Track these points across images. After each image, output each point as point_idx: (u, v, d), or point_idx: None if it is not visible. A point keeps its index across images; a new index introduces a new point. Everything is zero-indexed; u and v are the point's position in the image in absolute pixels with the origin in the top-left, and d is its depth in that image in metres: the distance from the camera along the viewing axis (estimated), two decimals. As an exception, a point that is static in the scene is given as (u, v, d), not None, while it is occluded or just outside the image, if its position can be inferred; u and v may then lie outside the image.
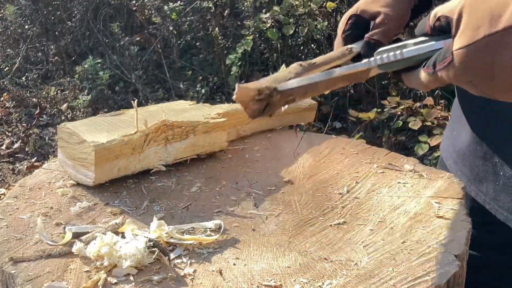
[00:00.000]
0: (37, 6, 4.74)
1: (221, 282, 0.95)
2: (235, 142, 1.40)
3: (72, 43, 4.69)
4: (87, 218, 1.12)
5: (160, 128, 1.24)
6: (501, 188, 1.24)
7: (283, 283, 0.94)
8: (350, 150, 1.36)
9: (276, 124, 1.47)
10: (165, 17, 4.22)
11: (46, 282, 0.94)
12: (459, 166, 1.33)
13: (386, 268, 0.98)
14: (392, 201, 1.16)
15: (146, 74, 4.29)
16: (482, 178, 1.27)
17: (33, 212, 1.13)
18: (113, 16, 4.70)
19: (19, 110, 4.24)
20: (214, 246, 1.04)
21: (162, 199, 1.18)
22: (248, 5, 3.88)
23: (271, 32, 3.73)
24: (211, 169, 1.30)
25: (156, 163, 1.25)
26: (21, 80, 4.34)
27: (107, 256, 0.98)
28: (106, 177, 1.19)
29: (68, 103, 4.07)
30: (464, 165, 1.31)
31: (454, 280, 0.97)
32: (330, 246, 1.04)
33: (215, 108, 1.38)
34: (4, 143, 3.93)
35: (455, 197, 1.17)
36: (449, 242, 1.04)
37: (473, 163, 1.28)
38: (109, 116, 1.31)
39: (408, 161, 1.30)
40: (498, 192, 1.25)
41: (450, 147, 1.37)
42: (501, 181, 1.24)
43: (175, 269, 0.98)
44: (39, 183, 1.23)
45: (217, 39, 3.94)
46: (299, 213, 1.14)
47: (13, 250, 1.02)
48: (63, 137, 1.22)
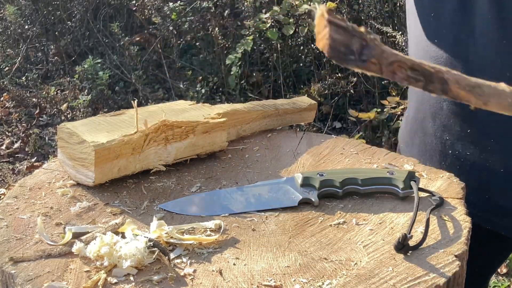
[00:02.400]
0: (37, 6, 4.74)
1: (221, 282, 0.95)
2: (235, 142, 1.40)
3: (72, 43, 4.69)
4: (87, 218, 1.12)
5: (160, 128, 1.24)
6: (447, 167, 1.25)
7: (283, 283, 0.95)
8: (350, 150, 1.36)
9: (276, 124, 1.47)
10: (165, 17, 4.22)
11: (46, 282, 0.94)
12: (409, 147, 1.34)
13: (386, 268, 0.98)
14: (392, 201, 1.16)
15: (146, 74, 4.29)
16: (428, 157, 1.28)
17: (33, 212, 1.13)
18: (113, 16, 4.70)
19: (19, 110, 4.24)
20: (214, 246, 1.04)
21: (162, 199, 1.18)
22: (248, 5, 3.88)
23: (271, 32, 3.73)
24: (211, 169, 1.30)
25: (156, 163, 1.25)
26: (21, 80, 4.34)
27: (107, 256, 0.98)
28: (106, 177, 1.19)
29: (68, 103, 4.07)
30: (413, 144, 1.32)
31: (454, 280, 0.97)
32: (330, 246, 1.04)
33: (215, 108, 1.38)
34: (4, 143, 3.93)
35: (455, 197, 1.17)
36: (449, 242, 1.04)
37: (423, 141, 1.29)
38: (109, 116, 1.31)
39: (408, 161, 1.30)
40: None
41: (403, 128, 1.41)
42: (448, 160, 1.24)
43: (175, 269, 0.98)
44: (39, 183, 1.23)
45: (217, 39, 3.94)
46: (299, 213, 1.14)
47: (13, 250, 1.02)
48: (63, 137, 1.22)
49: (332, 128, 3.65)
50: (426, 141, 1.30)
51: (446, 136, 1.26)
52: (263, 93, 3.98)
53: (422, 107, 1.28)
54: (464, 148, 1.25)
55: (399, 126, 3.28)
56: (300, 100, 1.53)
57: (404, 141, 1.41)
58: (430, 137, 1.30)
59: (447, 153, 1.26)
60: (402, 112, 3.30)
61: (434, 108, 1.28)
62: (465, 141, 1.25)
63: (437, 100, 1.27)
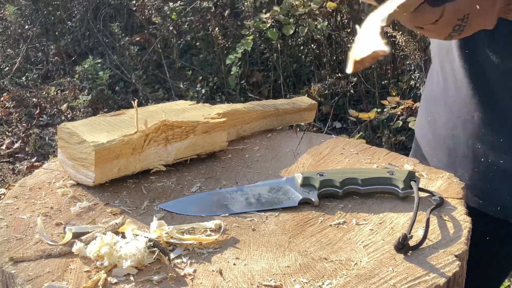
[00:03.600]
0: (37, 6, 4.74)
1: (221, 282, 0.95)
2: (235, 142, 1.40)
3: (72, 43, 4.69)
4: (87, 218, 1.12)
5: (160, 128, 1.24)
6: (480, 175, 1.24)
7: (283, 283, 0.95)
8: (350, 150, 1.36)
9: (276, 124, 1.47)
10: (165, 17, 4.22)
11: (46, 282, 0.94)
12: (436, 151, 1.33)
13: (386, 268, 0.98)
14: (392, 201, 1.16)
15: (146, 74, 4.29)
16: (458, 165, 1.28)
17: (33, 212, 1.13)
18: (113, 16, 4.70)
19: (19, 110, 4.24)
20: (214, 246, 1.04)
21: (162, 199, 1.18)
22: (248, 5, 3.88)
23: (271, 32, 3.73)
24: (211, 169, 1.30)
25: (156, 163, 1.25)
26: (21, 80, 4.34)
27: (107, 256, 0.98)
28: (106, 177, 1.19)
29: (68, 103, 4.07)
30: (441, 150, 1.31)
31: (454, 280, 0.97)
32: (330, 246, 1.04)
33: (215, 108, 1.38)
34: (4, 143, 3.93)
35: (455, 197, 1.17)
36: (449, 242, 1.04)
37: (452, 148, 1.29)
38: (109, 116, 1.31)
39: (408, 161, 1.30)
40: (475, 180, 1.25)
41: (429, 134, 1.38)
42: (481, 167, 1.24)
43: (175, 269, 0.98)
44: (39, 183, 1.23)
45: (217, 39, 3.94)
46: (299, 213, 1.14)
47: (13, 250, 1.02)
48: (63, 137, 1.22)
49: (332, 128, 3.65)
50: (457, 148, 1.30)
51: (478, 145, 1.26)
52: (263, 93, 3.98)
53: (453, 115, 1.27)
54: (496, 156, 1.24)
55: (399, 126, 3.30)
56: (300, 100, 1.53)
57: (429, 145, 1.38)
58: (462, 145, 1.29)
59: (479, 161, 1.26)
60: (402, 112, 3.30)
61: (465, 117, 1.28)
62: (498, 150, 1.24)
63: (468, 110, 1.27)
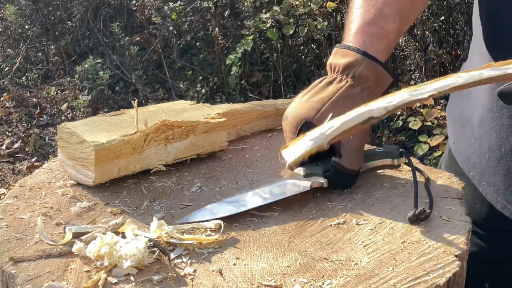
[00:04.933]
0: (37, 6, 4.74)
1: (221, 282, 0.95)
2: (235, 142, 1.40)
3: (72, 43, 4.70)
4: (87, 218, 1.12)
5: (160, 128, 1.24)
6: None
7: (283, 283, 0.95)
8: (350, 150, 1.36)
9: (276, 124, 1.47)
10: (165, 17, 4.22)
11: (46, 282, 0.94)
12: (486, 176, 1.30)
13: (386, 268, 0.98)
14: (392, 201, 1.16)
15: (146, 74, 4.30)
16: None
17: (33, 212, 1.13)
18: (113, 16, 4.71)
19: (19, 110, 4.24)
20: (214, 246, 1.04)
21: (162, 199, 1.18)
22: (248, 5, 3.88)
23: (271, 32, 3.73)
24: (211, 169, 1.30)
25: (156, 163, 1.25)
26: (21, 80, 4.35)
27: (107, 256, 0.98)
28: (106, 177, 1.19)
29: (68, 103, 4.07)
30: (494, 174, 1.28)
31: (454, 280, 0.97)
32: (330, 246, 1.04)
33: (215, 108, 1.38)
34: (4, 143, 3.93)
35: (455, 197, 1.17)
36: (449, 242, 1.04)
37: (508, 171, 1.25)
38: (109, 116, 1.31)
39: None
40: None
41: (474, 157, 1.32)
42: None
43: (175, 269, 0.98)
44: (39, 183, 1.23)
45: (217, 39, 3.95)
46: (299, 213, 1.14)
47: (13, 250, 1.02)
48: (63, 137, 1.22)
49: (332, 128, 3.65)
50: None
51: None
52: (263, 93, 3.99)
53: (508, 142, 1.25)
54: None
55: (399, 126, 3.30)
56: (300, 100, 1.53)
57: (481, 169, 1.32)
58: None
59: None
60: (402, 112, 3.30)
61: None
62: None
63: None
